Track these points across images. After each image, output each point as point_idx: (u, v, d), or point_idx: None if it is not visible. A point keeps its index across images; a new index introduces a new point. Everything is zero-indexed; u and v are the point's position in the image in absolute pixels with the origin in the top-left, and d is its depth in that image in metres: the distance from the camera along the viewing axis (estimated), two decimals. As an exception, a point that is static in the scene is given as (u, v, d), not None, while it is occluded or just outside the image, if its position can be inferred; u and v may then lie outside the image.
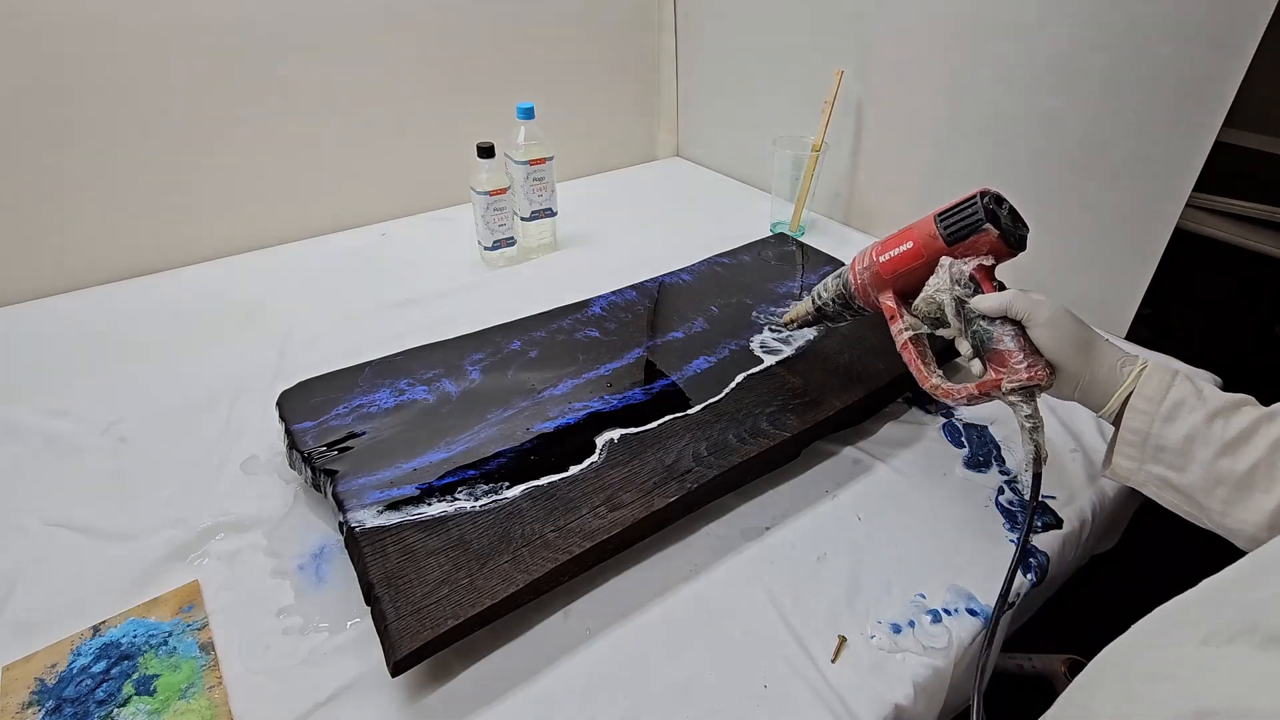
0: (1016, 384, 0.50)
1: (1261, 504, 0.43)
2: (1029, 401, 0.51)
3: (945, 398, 0.55)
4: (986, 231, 0.52)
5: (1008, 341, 0.51)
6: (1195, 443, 0.46)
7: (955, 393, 0.54)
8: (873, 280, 0.60)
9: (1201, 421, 0.46)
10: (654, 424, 0.64)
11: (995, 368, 0.52)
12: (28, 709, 0.47)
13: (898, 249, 0.58)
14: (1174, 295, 0.84)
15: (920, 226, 0.56)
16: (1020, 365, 0.50)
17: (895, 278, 0.58)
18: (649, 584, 0.56)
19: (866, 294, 0.61)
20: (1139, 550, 0.79)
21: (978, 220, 0.53)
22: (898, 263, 0.58)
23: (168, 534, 0.59)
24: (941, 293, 0.54)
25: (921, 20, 0.93)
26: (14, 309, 0.91)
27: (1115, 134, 0.77)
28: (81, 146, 0.91)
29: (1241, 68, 0.66)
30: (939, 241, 0.55)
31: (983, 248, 0.53)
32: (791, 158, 1.03)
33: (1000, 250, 0.53)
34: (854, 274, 0.62)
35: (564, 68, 1.28)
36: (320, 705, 0.47)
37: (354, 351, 0.74)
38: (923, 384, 0.56)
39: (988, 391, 0.52)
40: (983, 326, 0.52)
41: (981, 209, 0.52)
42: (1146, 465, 0.49)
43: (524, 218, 1.01)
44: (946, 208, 0.55)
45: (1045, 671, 0.73)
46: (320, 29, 1.01)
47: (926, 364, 0.57)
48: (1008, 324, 0.51)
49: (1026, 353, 0.50)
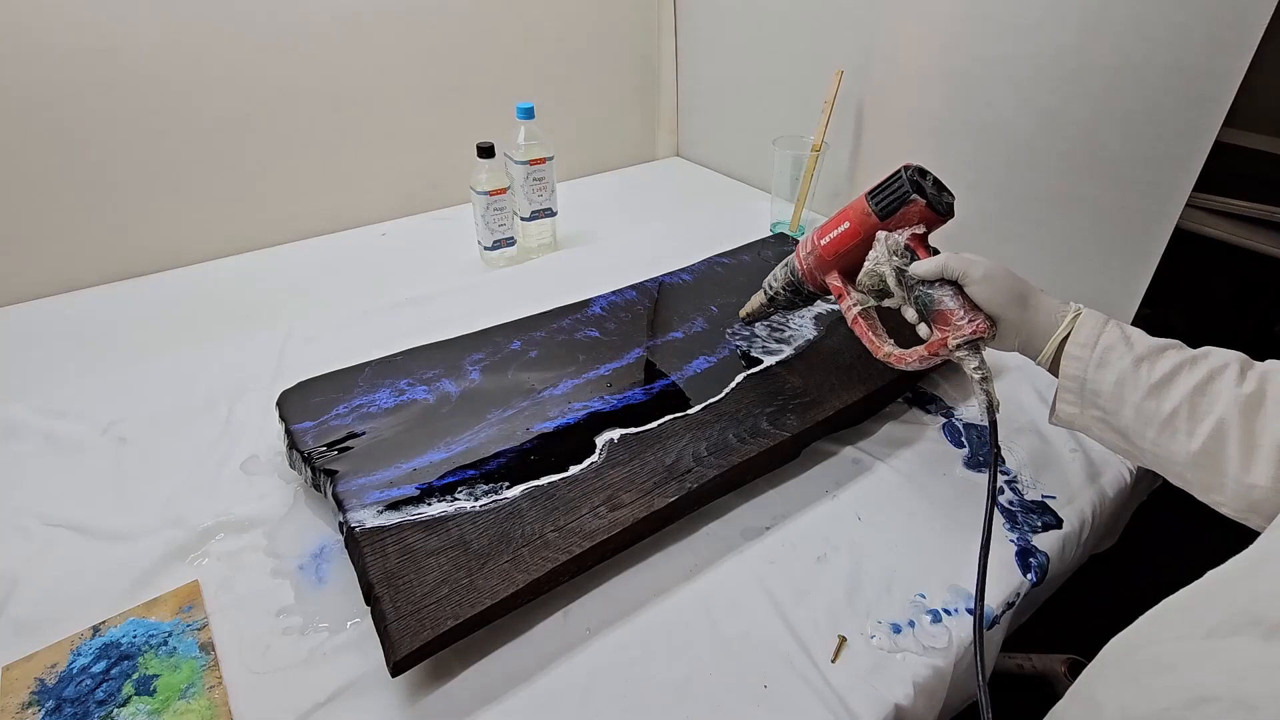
0: (961, 339, 0.53)
1: (1185, 445, 0.45)
2: (975, 355, 0.53)
3: (899, 363, 0.57)
4: (914, 202, 0.56)
5: (948, 301, 0.53)
6: (1125, 386, 0.48)
7: (907, 357, 0.57)
8: (817, 263, 0.63)
9: (1129, 366, 0.48)
10: (654, 424, 0.64)
11: (940, 328, 0.54)
12: (28, 709, 0.47)
13: (836, 230, 0.61)
14: (1174, 295, 0.84)
15: (854, 206, 0.60)
16: (962, 321, 0.53)
17: (837, 258, 0.62)
18: (649, 584, 0.56)
19: (814, 277, 0.65)
20: (1139, 550, 0.79)
21: (905, 192, 0.56)
22: (838, 243, 0.61)
23: (168, 534, 0.59)
24: (881, 265, 0.57)
25: (921, 20, 0.93)
26: (14, 309, 0.91)
27: (1115, 134, 0.77)
28: (81, 146, 0.91)
29: (1241, 68, 0.66)
30: (872, 218, 0.58)
31: (913, 218, 0.57)
32: (791, 158, 1.03)
33: (930, 218, 0.57)
34: (799, 260, 0.66)
35: (564, 68, 1.28)
36: (320, 705, 0.47)
37: (354, 351, 0.74)
38: (876, 354, 0.59)
39: (936, 351, 0.54)
40: (924, 291, 0.55)
41: (906, 182, 0.56)
42: (1086, 409, 0.51)
43: (524, 218, 1.01)
44: (875, 186, 0.59)
45: (1045, 671, 0.73)
46: (320, 29, 1.01)
47: (878, 335, 0.60)
48: (946, 285, 0.54)
49: (967, 309, 0.53)
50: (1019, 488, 0.64)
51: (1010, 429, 0.71)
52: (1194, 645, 0.30)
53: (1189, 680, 0.29)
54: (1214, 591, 0.33)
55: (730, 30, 1.24)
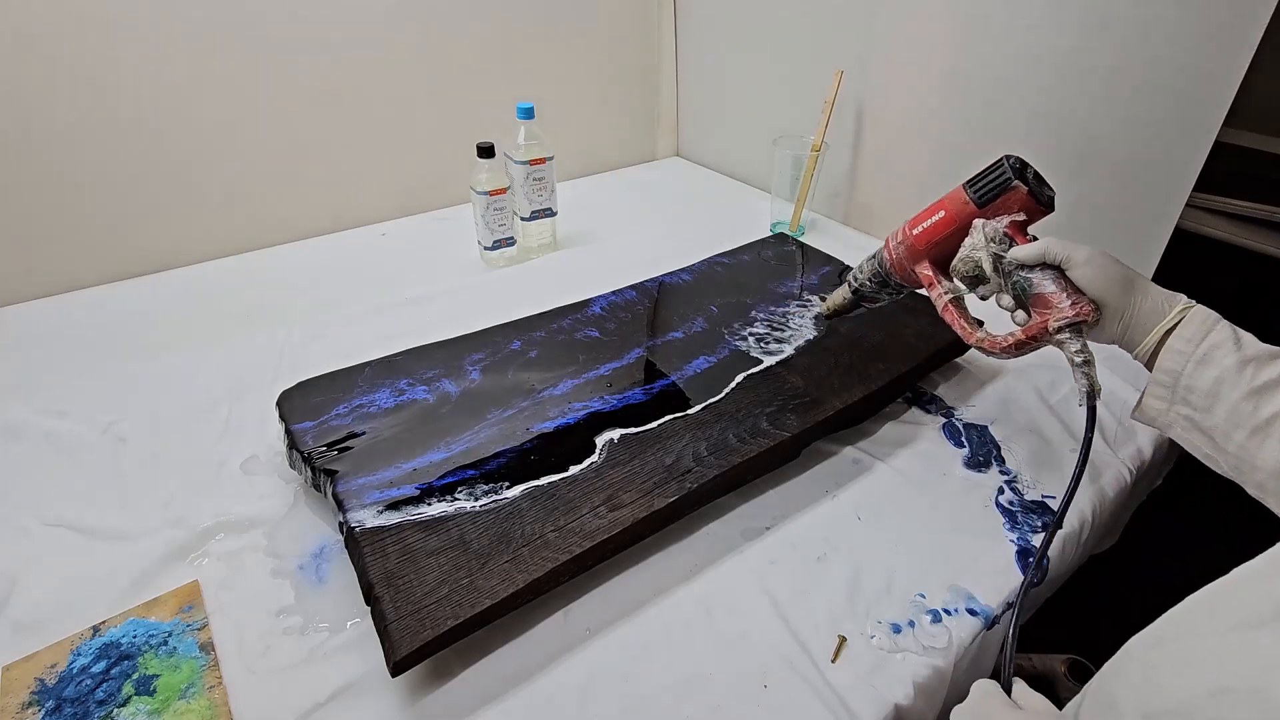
0: (1063, 321, 0.51)
1: (1274, 453, 0.43)
2: (1078, 338, 0.51)
3: (993, 349, 0.55)
4: (1015, 189, 0.54)
5: (1049, 285, 0.52)
6: (1223, 385, 0.46)
7: (1002, 341, 0.54)
8: (908, 254, 0.61)
9: (1233, 366, 0.46)
10: (654, 424, 0.64)
11: (1040, 311, 0.52)
12: (28, 709, 0.47)
13: (930, 220, 0.59)
14: (1174, 295, 0.84)
15: (951, 196, 0.58)
16: (1065, 304, 0.51)
17: (930, 247, 0.60)
18: (649, 584, 0.56)
19: (903, 268, 0.62)
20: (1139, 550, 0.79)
21: (1006, 179, 0.55)
22: (931, 232, 0.59)
23: (168, 534, 0.59)
24: (978, 250, 0.55)
25: (921, 20, 0.93)
26: (14, 309, 0.91)
27: (1115, 134, 0.77)
28: (81, 146, 0.91)
29: (1241, 68, 0.66)
30: (970, 206, 0.56)
31: (1013, 206, 0.55)
32: (791, 158, 1.03)
33: (1030, 208, 0.55)
34: (889, 251, 0.63)
35: (564, 68, 1.28)
36: (320, 705, 0.47)
37: (354, 351, 0.74)
38: (967, 339, 0.57)
39: (1035, 335, 0.52)
40: (1022, 276, 0.53)
41: (1009, 169, 0.55)
42: (1175, 406, 0.49)
43: (524, 218, 1.01)
44: (974, 175, 0.57)
45: (1045, 671, 0.73)
46: (320, 29, 1.01)
47: (970, 322, 0.58)
48: (1047, 269, 0.52)
49: (1069, 292, 0.51)
50: (1019, 488, 0.64)
51: (1010, 429, 0.71)
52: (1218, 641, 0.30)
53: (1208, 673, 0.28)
54: (1239, 587, 0.33)
55: (730, 30, 1.24)
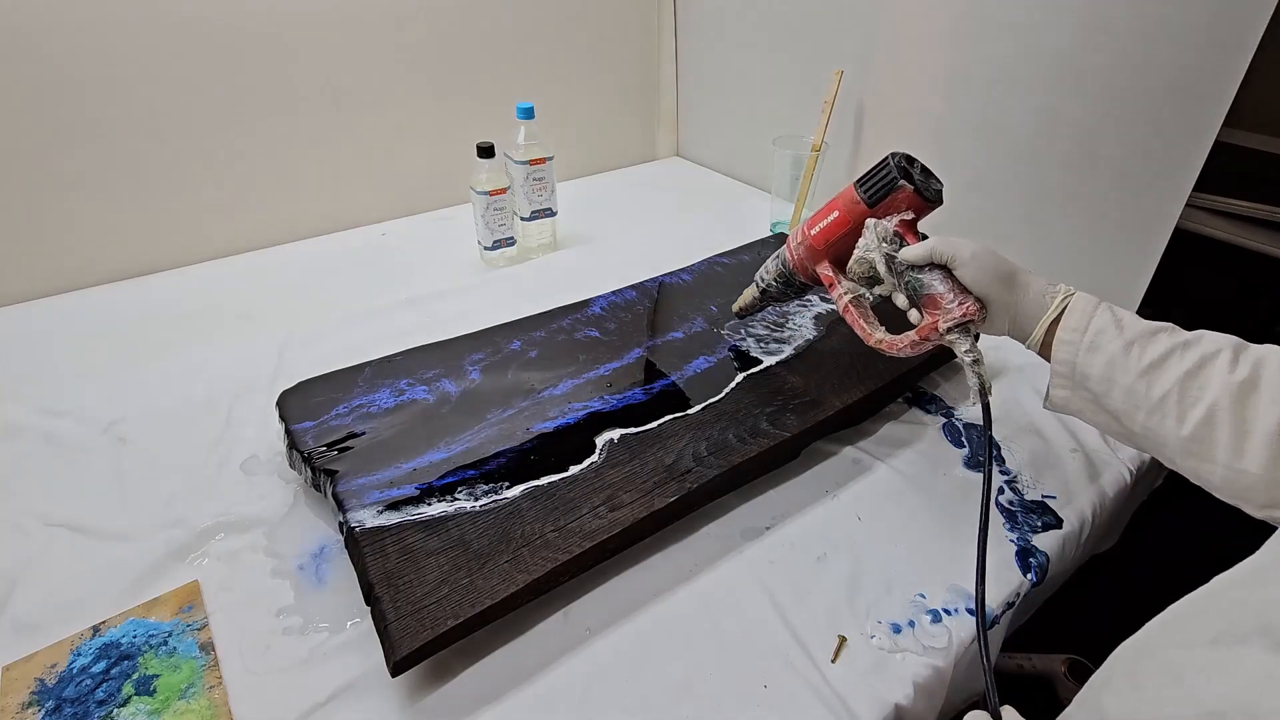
0: (951, 322, 0.52)
1: (1175, 430, 0.45)
2: (966, 337, 0.53)
3: (890, 349, 0.57)
4: (902, 188, 0.56)
5: (937, 285, 0.53)
6: (1115, 369, 0.47)
7: (898, 343, 0.56)
8: (808, 254, 0.63)
9: (1119, 349, 0.47)
10: (654, 424, 0.64)
11: (930, 312, 0.54)
12: (28, 709, 0.47)
13: (826, 220, 0.61)
14: (1174, 295, 0.84)
15: (843, 196, 0.60)
16: (952, 305, 0.52)
17: (828, 247, 0.62)
18: (649, 584, 0.56)
19: (805, 268, 0.65)
20: (1139, 550, 0.79)
21: (892, 179, 0.56)
22: (828, 232, 0.61)
23: (168, 534, 0.59)
24: (871, 251, 0.56)
25: (921, 20, 0.93)
26: (14, 309, 0.91)
27: (1115, 134, 0.77)
28: (81, 146, 0.91)
29: (1241, 68, 0.66)
30: (861, 205, 0.58)
31: (902, 205, 0.57)
32: (791, 158, 1.03)
33: (918, 205, 0.57)
34: (790, 251, 0.65)
35: (564, 68, 1.28)
36: (320, 705, 0.47)
37: (354, 351, 0.74)
38: (867, 340, 0.59)
39: (927, 336, 0.54)
40: (913, 276, 0.55)
41: (894, 168, 0.56)
42: (1078, 392, 0.51)
43: (524, 218, 1.01)
44: (863, 174, 0.59)
45: (1045, 671, 0.73)
46: (320, 29, 1.01)
47: (869, 322, 0.59)
48: (935, 269, 0.54)
49: (956, 292, 0.53)
50: (1019, 488, 0.64)
51: (1010, 429, 0.71)
52: (1201, 652, 0.30)
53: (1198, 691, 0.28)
54: (1222, 596, 0.33)
55: (730, 30, 1.24)
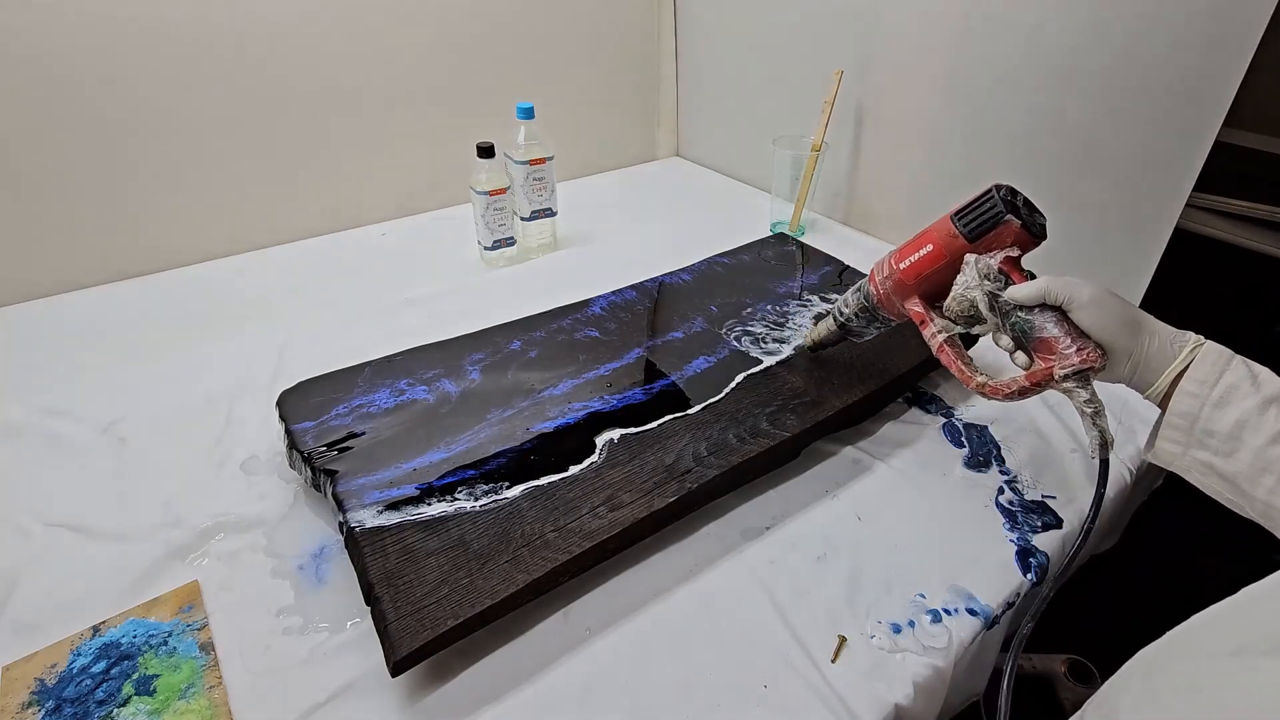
0: (1069, 369, 0.49)
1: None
2: (1085, 386, 0.49)
3: (995, 395, 0.53)
4: (1009, 223, 0.52)
5: (1051, 328, 0.50)
6: (1246, 429, 0.44)
7: (1005, 387, 0.52)
8: (896, 288, 0.59)
9: (1254, 407, 0.44)
10: (654, 424, 0.64)
11: (1043, 356, 0.50)
12: (28, 709, 0.47)
13: (918, 253, 0.57)
14: (1174, 295, 0.84)
15: (938, 228, 0.56)
16: (1070, 350, 0.49)
17: (919, 282, 0.57)
18: (649, 584, 0.56)
19: (891, 303, 0.60)
20: (1139, 550, 0.79)
21: (998, 213, 0.52)
22: (920, 266, 0.57)
23: (168, 534, 0.59)
24: (972, 290, 0.52)
25: (921, 20, 0.93)
26: (14, 309, 0.91)
27: (1115, 134, 0.77)
28: (81, 146, 0.91)
29: (1241, 68, 0.66)
30: (960, 240, 0.54)
31: (1006, 240, 0.53)
32: (791, 158, 1.03)
33: (1024, 240, 0.53)
34: (875, 285, 0.61)
35: (564, 68, 1.28)
36: (320, 705, 0.47)
37: (354, 351, 0.74)
38: (967, 384, 0.55)
39: (1039, 382, 0.50)
40: (1022, 317, 0.51)
41: (1000, 201, 0.52)
42: (1192, 450, 0.47)
43: (524, 218, 1.01)
44: (962, 206, 0.54)
45: (1045, 671, 0.73)
46: (320, 29, 1.01)
47: (968, 364, 0.56)
48: (1048, 310, 0.50)
49: (1073, 337, 0.49)
50: (1019, 488, 0.64)
51: (1010, 429, 0.71)
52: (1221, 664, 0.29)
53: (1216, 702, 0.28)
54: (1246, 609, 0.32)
55: (730, 30, 1.24)
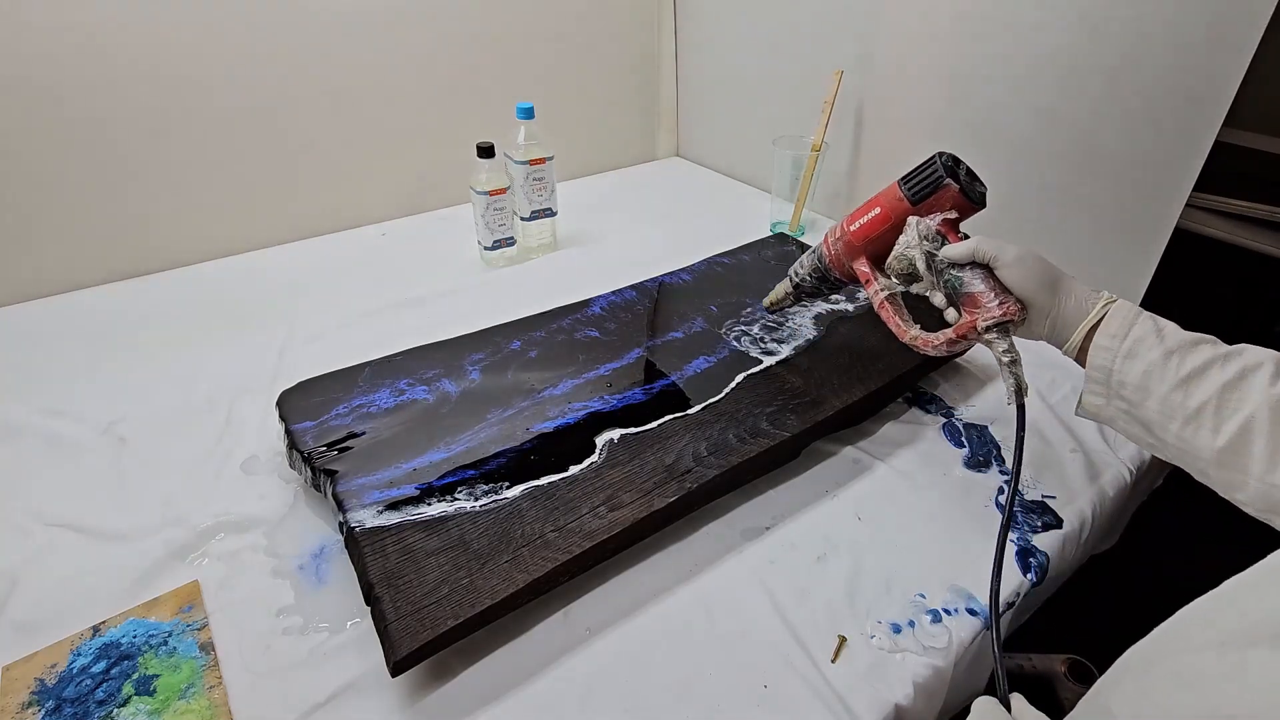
0: (991, 321, 0.52)
1: (1210, 441, 0.45)
2: (1005, 338, 0.52)
3: (925, 346, 0.57)
4: (948, 187, 0.56)
5: (978, 284, 0.53)
6: (1152, 379, 0.47)
7: (934, 340, 0.56)
8: (845, 249, 0.63)
9: (1159, 358, 0.47)
10: (654, 424, 0.64)
11: (969, 310, 0.54)
12: (28, 709, 0.47)
13: (866, 216, 0.61)
14: (1174, 295, 0.84)
15: (885, 193, 0.60)
16: (992, 304, 0.52)
17: (867, 243, 0.61)
18: (649, 584, 0.56)
19: (841, 264, 0.64)
20: (1139, 550, 0.79)
21: (938, 177, 0.56)
22: (868, 229, 0.61)
23: (168, 534, 0.59)
24: (911, 249, 0.56)
25: (921, 20, 0.93)
26: (14, 309, 0.91)
27: (1115, 134, 0.77)
28: (81, 146, 0.91)
29: (1241, 68, 0.66)
30: (904, 203, 0.58)
31: (945, 204, 0.56)
32: (791, 158, 1.03)
33: (962, 205, 0.56)
34: (827, 247, 0.65)
35: (564, 68, 1.28)
36: (320, 705, 0.47)
37: (354, 351, 0.74)
38: (901, 337, 0.59)
39: (965, 334, 0.54)
40: (953, 275, 0.54)
41: (940, 167, 0.56)
42: (1113, 401, 0.50)
43: (524, 218, 1.01)
44: (908, 172, 0.58)
45: (1045, 671, 0.73)
46: (320, 29, 1.01)
47: (904, 320, 0.59)
48: (977, 268, 0.53)
49: (997, 291, 0.52)
50: (1019, 488, 0.64)
51: (1010, 429, 0.71)
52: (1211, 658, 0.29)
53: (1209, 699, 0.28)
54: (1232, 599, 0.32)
55: (730, 30, 1.24)
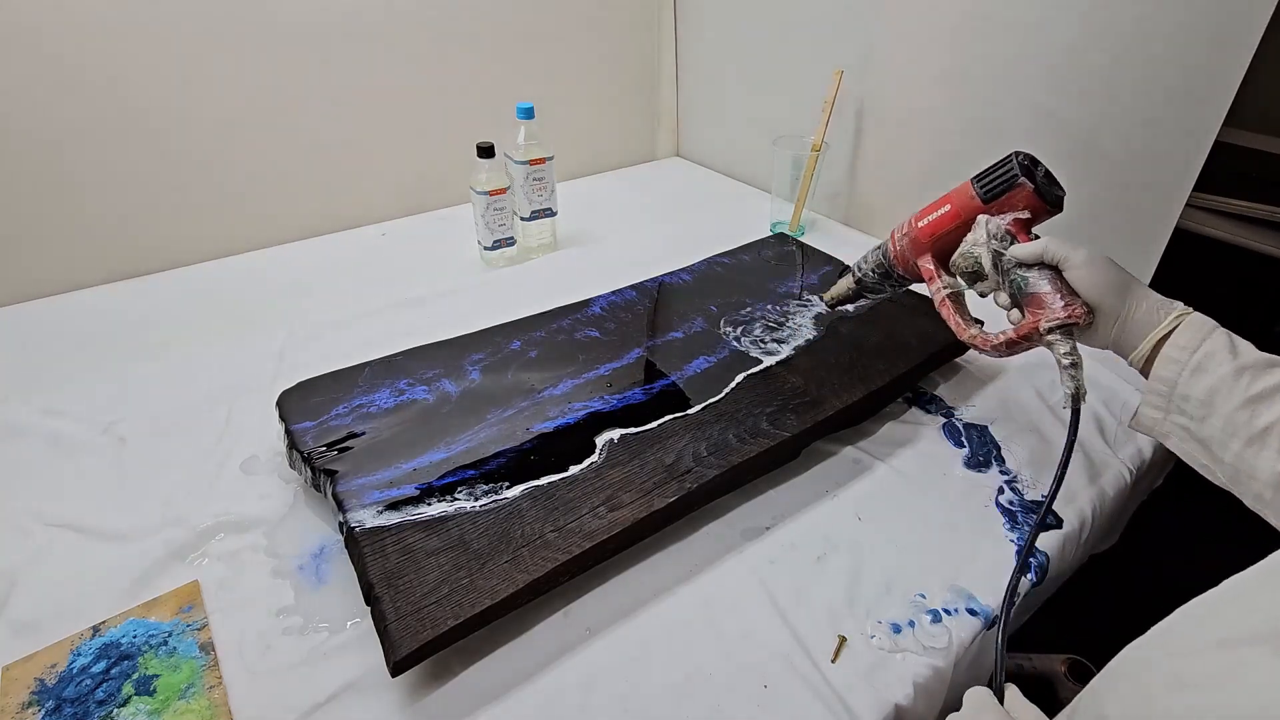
0: (1055, 323, 0.50)
1: (1271, 465, 0.42)
2: (1067, 340, 0.51)
3: (984, 346, 0.55)
4: (1022, 186, 0.53)
5: (1044, 285, 0.51)
6: (1218, 394, 0.45)
7: (994, 339, 0.54)
8: (911, 246, 0.61)
9: (1229, 374, 0.45)
10: (654, 424, 0.64)
11: (1033, 311, 0.52)
12: (28, 709, 0.47)
13: (936, 213, 0.59)
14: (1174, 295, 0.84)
15: (958, 190, 0.58)
16: (1058, 305, 0.50)
17: (933, 240, 0.59)
18: (649, 584, 0.56)
19: (906, 260, 0.62)
20: (1139, 550, 0.79)
21: (1013, 176, 0.54)
22: (936, 225, 0.59)
23: (167, 534, 0.59)
24: (978, 246, 0.54)
25: (921, 20, 0.93)
26: (14, 309, 0.91)
27: (1115, 134, 0.77)
28: (81, 146, 0.91)
29: (1241, 68, 0.66)
30: (976, 201, 0.56)
31: (1019, 204, 0.54)
32: (791, 158, 1.03)
33: (1036, 206, 0.54)
34: (893, 243, 0.63)
35: (564, 68, 1.28)
36: (320, 705, 0.47)
37: (354, 351, 0.74)
38: (960, 335, 0.57)
39: (1027, 335, 0.52)
40: (1019, 274, 0.52)
41: (1017, 165, 0.54)
42: (1171, 415, 0.48)
43: (524, 218, 1.01)
44: (983, 170, 0.56)
45: (1045, 671, 0.73)
46: (320, 29, 1.01)
47: (965, 318, 0.58)
48: (1045, 269, 0.52)
49: (1063, 293, 0.51)
50: (1019, 488, 0.64)
51: (1010, 429, 0.71)
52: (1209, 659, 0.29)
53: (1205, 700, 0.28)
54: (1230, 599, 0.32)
55: (730, 30, 1.24)
